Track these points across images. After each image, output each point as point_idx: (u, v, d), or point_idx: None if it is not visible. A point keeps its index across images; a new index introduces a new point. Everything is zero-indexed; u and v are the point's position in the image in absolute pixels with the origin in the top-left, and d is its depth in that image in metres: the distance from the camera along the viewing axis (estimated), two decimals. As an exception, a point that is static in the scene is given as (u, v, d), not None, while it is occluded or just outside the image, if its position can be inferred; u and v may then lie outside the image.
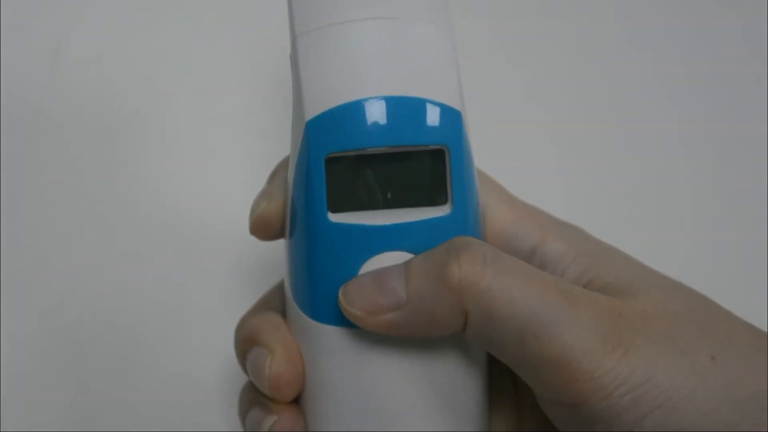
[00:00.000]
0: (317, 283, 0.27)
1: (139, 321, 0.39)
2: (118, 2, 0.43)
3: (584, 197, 0.43)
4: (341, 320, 0.27)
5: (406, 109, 0.26)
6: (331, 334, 0.28)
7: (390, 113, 0.26)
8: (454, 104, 0.27)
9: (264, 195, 0.30)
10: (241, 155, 0.42)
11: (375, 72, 0.26)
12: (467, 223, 0.27)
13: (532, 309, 0.24)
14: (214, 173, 0.42)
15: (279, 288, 0.31)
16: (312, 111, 0.26)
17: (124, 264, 0.40)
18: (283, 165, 0.30)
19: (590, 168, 0.44)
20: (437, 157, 0.27)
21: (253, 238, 0.31)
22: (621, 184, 0.44)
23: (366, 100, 0.26)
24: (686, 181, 0.44)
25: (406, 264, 0.26)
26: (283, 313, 0.30)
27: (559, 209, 0.31)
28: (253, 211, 0.30)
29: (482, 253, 0.25)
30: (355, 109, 0.26)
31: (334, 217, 0.27)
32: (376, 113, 0.26)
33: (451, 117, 0.26)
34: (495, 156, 0.33)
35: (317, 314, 0.28)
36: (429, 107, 0.26)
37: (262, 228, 0.30)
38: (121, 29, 0.43)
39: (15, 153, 0.41)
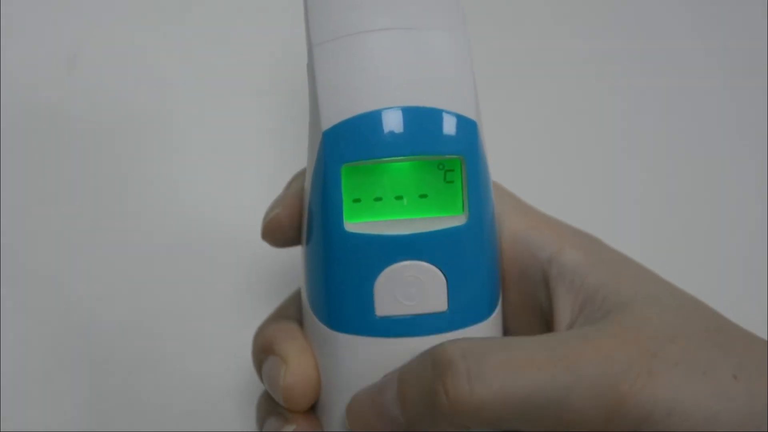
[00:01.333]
0: (334, 292, 0.27)
1: (152, 326, 0.39)
2: (134, 10, 0.43)
3: (600, 207, 0.43)
4: (357, 329, 0.27)
5: (422, 119, 0.26)
6: (347, 343, 0.28)
7: (406, 123, 0.26)
8: (470, 114, 0.27)
9: (278, 201, 0.30)
10: (257, 162, 0.42)
11: (391, 82, 0.26)
12: (483, 232, 0.27)
13: (530, 398, 0.24)
14: (230, 180, 0.42)
15: (296, 296, 0.32)
16: (329, 121, 0.26)
17: (137, 269, 0.40)
18: (300, 175, 0.30)
19: (607, 178, 0.44)
20: (453, 167, 0.27)
21: (268, 245, 0.31)
22: (638, 193, 0.44)
23: (382, 110, 0.26)
24: (705, 190, 0.44)
25: (398, 385, 0.26)
26: (300, 321, 0.30)
27: (575, 219, 0.31)
28: (265, 216, 0.30)
29: (465, 369, 0.25)
30: (372, 119, 0.26)
31: (351, 227, 0.27)
32: (392, 123, 0.26)
33: (467, 127, 0.26)
34: (510, 166, 0.33)
35: (334, 323, 0.28)
36: (445, 117, 0.26)
37: (274, 233, 0.30)
38: (137, 37, 0.43)
39: (30, 158, 0.41)
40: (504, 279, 0.30)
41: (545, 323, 0.29)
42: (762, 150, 0.45)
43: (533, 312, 0.30)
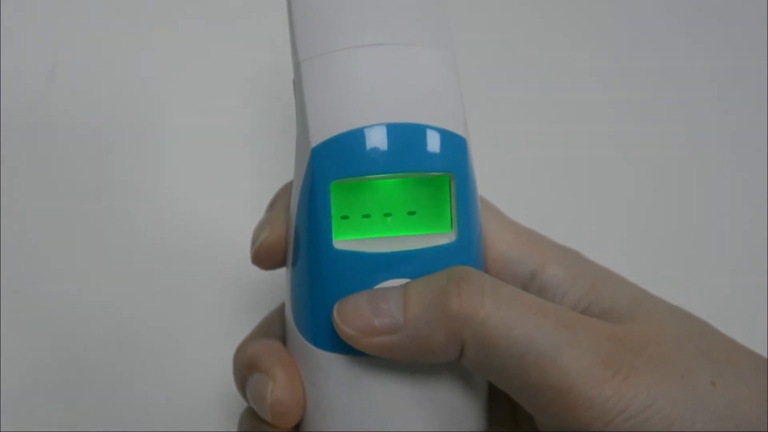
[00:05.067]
0: (321, 310, 0.27)
1: (134, 339, 0.39)
2: (116, 17, 0.42)
3: (582, 221, 0.43)
4: (344, 348, 0.27)
5: (412, 136, 0.26)
6: (333, 361, 0.27)
7: (396, 140, 0.26)
8: (459, 131, 0.27)
9: (265, 223, 0.29)
10: (238, 173, 0.41)
11: (381, 98, 0.26)
12: (471, 250, 0.27)
13: (530, 337, 0.24)
14: (211, 191, 0.41)
15: (277, 313, 0.31)
16: (317, 138, 0.26)
17: (120, 282, 0.39)
18: (283, 192, 0.29)
19: (588, 191, 0.44)
20: (442, 184, 0.27)
21: (249, 257, 0.30)
22: (619, 207, 0.44)
23: (371, 127, 0.26)
24: (685, 203, 0.45)
25: (405, 288, 0.26)
26: (283, 338, 0.30)
27: (556, 232, 0.31)
28: (254, 240, 0.29)
29: (482, 284, 0.25)
30: (361, 136, 0.26)
31: (340, 245, 0.26)
32: (381, 140, 0.26)
33: (457, 144, 0.26)
34: (493, 180, 0.33)
35: (320, 341, 0.27)
36: (435, 134, 0.26)
37: (265, 257, 0.29)
38: (119, 45, 0.42)
39: (10, 168, 0.40)
40: None
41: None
42: (756, 156, 0.45)
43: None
